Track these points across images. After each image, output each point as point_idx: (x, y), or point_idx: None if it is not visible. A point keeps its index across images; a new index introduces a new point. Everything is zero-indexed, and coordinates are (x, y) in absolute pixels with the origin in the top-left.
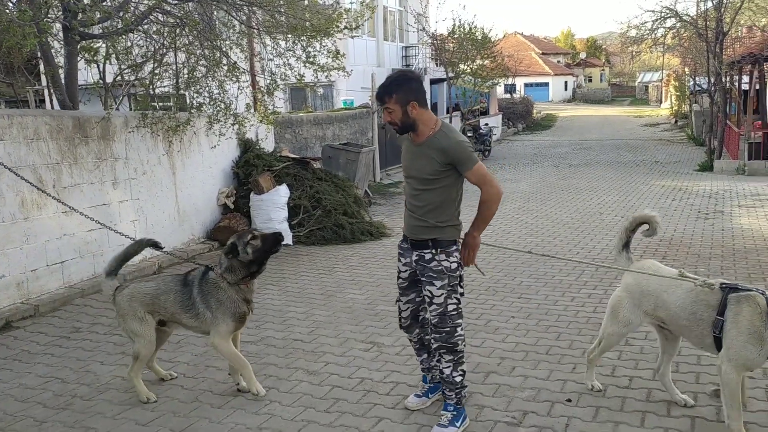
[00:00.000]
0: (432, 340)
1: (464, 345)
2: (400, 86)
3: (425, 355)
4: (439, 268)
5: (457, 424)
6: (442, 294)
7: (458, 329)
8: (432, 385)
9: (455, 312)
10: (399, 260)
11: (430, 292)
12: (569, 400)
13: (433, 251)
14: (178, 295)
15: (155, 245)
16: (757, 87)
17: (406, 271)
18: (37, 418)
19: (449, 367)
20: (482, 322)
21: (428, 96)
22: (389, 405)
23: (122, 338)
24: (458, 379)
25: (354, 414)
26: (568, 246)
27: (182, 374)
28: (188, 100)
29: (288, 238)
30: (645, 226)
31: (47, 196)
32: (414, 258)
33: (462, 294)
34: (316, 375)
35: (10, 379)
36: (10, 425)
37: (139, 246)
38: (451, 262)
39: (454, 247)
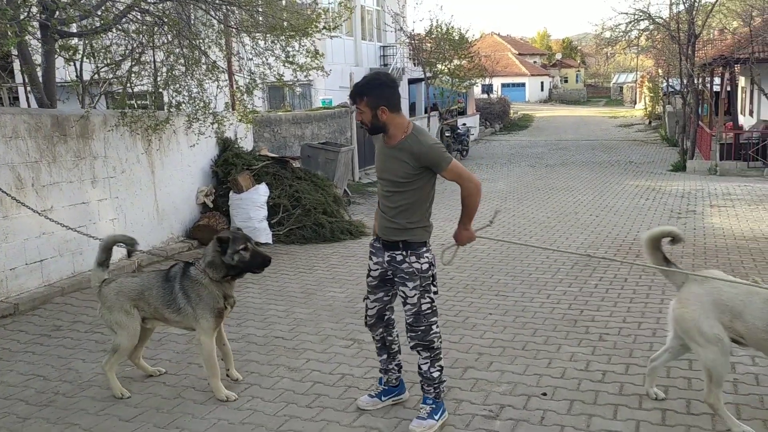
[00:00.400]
0: (408, 339)
1: (440, 342)
2: (372, 90)
3: (385, 356)
4: (411, 269)
5: (436, 417)
6: (416, 294)
7: (433, 327)
8: (386, 388)
9: (429, 311)
10: (370, 258)
11: (404, 292)
12: (545, 394)
13: (404, 253)
14: (160, 291)
15: (130, 245)
16: (728, 89)
17: (377, 270)
18: (20, 415)
19: (426, 363)
20: (460, 318)
21: (406, 96)
22: None
23: (104, 336)
24: (435, 374)
25: (335, 409)
26: (544, 245)
27: (165, 371)
28: (167, 99)
29: (267, 237)
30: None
31: (26, 195)
32: (386, 258)
33: (436, 293)
34: (298, 371)
35: None
36: None
37: (115, 239)
38: (422, 263)
39: (424, 249)
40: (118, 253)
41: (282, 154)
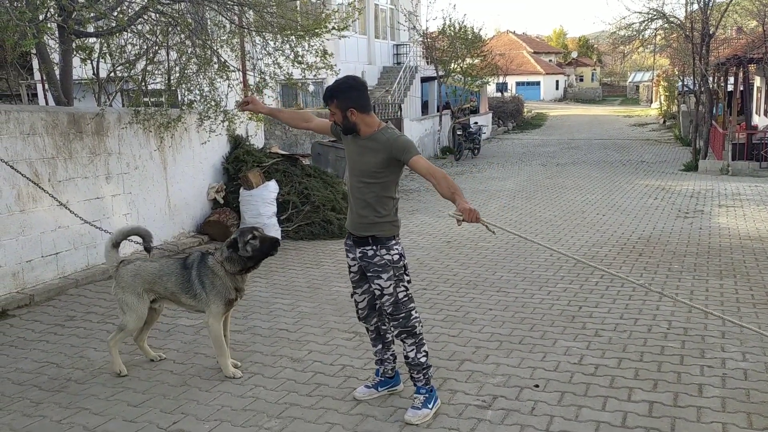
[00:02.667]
0: (391, 328)
1: (422, 327)
2: (341, 93)
3: (380, 346)
4: (383, 261)
5: (429, 406)
6: (390, 284)
7: (413, 313)
8: (382, 379)
9: (406, 298)
10: (347, 256)
11: (379, 285)
12: (537, 386)
13: (374, 247)
14: (179, 278)
15: (145, 239)
16: (742, 88)
17: (355, 265)
18: (33, 399)
19: (413, 349)
20: (461, 313)
21: (419, 94)
22: None
23: (114, 326)
24: (423, 359)
25: (334, 398)
26: (549, 242)
27: (172, 360)
28: (180, 97)
29: (277, 233)
30: None
31: (43, 190)
32: (358, 255)
33: (409, 282)
34: (300, 362)
35: (6, 364)
36: (8, 406)
37: (138, 231)
38: (393, 255)
39: (393, 242)
40: (130, 247)
41: (292, 152)
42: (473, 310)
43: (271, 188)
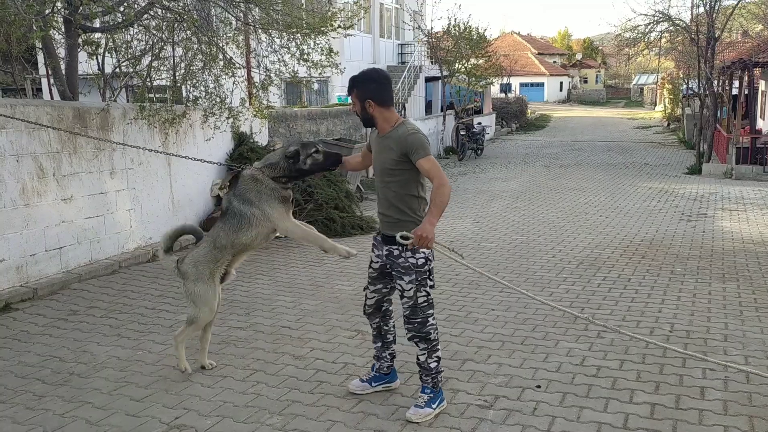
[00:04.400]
0: (406, 330)
1: (437, 334)
2: (361, 84)
3: (379, 344)
4: (407, 264)
5: (433, 406)
6: (412, 288)
7: (430, 319)
8: (377, 374)
9: (425, 303)
10: (373, 251)
11: (401, 286)
12: (539, 386)
13: (400, 248)
14: (226, 225)
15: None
16: (747, 92)
17: (378, 262)
18: (36, 393)
19: (424, 354)
20: (463, 313)
21: (423, 94)
22: None
23: (118, 321)
24: (433, 365)
25: (336, 395)
26: (551, 243)
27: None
28: (184, 93)
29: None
30: None
31: (47, 184)
32: (384, 252)
33: (432, 287)
34: (302, 359)
35: (10, 357)
36: (11, 399)
37: (183, 230)
38: (417, 259)
39: None
40: (135, 242)
41: None
42: (475, 310)
43: None
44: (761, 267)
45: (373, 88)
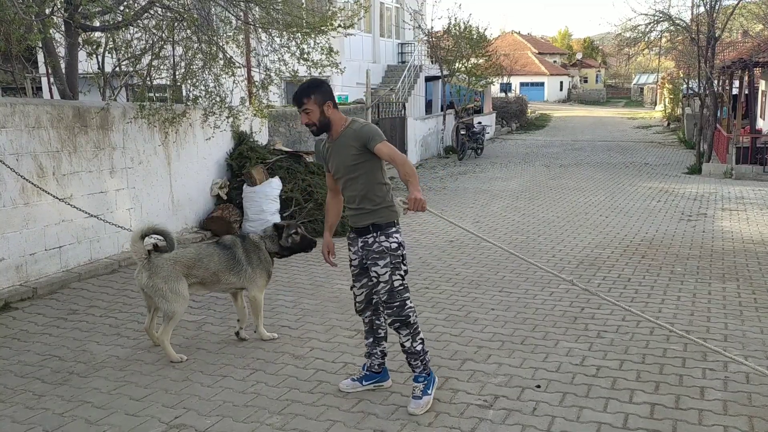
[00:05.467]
0: (386, 317)
1: (416, 317)
2: (317, 88)
3: (371, 339)
4: (380, 248)
5: (429, 392)
6: (386, 272)
7: (407, 302)
8: (367, 373)
9: (401, 287)
10: (349, 250)
11: (376, 272)
12: (538, 386)
13: (375, 234)
14: (221, 257)
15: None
16: (747, 92)
17: (356, 258)
18: (36, 392)
19: (408, 339)
20: (463, 313)
21: (423, 93)
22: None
23: (117, 320)
24: (419, 348)
25: (336, 395)
26: (551, 243)
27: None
28: (184, 93)
29: None
30: None
31: (47, 183)
32: (360, 245)
33: (406, 272)
34: (302, 359)
35: (9, 356)
36: (11, 398)
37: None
38: (391, 243)
39: (393, 229)
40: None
41: (296, 149)
42: (475, 310)
43: (275, 185)
44: (761, 267)
45: (328, 90)
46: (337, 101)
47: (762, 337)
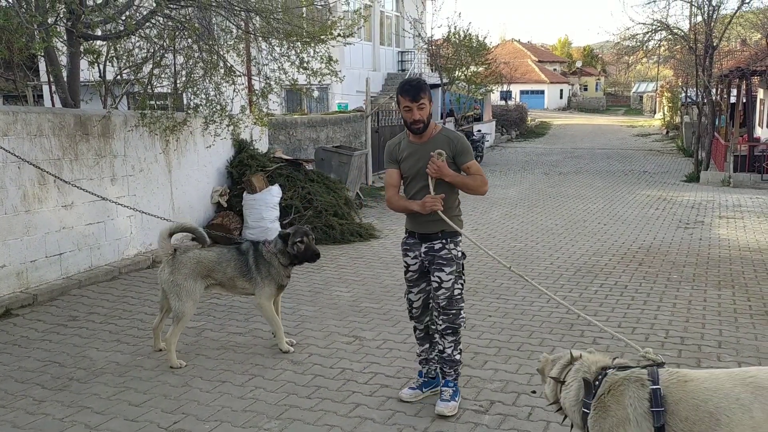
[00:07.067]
0: (440, 322)
1: (464, 327)
2: (427, 88)
3: (427, 345)
4: (449, 255)
5: (456, 399)
6: (451, 279)
7: (462, 312)
8: (426, 379)
9: (460, 296)
10: (406, 256)
11: (439, 277)
12: (534, 392)
13: (443, 241)
14: (237, 263)
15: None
16: (744, 101)
17: (416, 264)
18: (36, 397)
19: (451, 346)
20: None
21: None
22: (367, 393)
23: (117, 327)
24: (457, 357)
25: (333, 400)
26: (549, 251)
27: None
28: (185, 101)
29: None
30: None
31: (48, 191)
32: (423, 250)
33: (464, 282)
34: (300, 365)
35: (10, 362)
36: (11, 404)
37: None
38: (458, 251)
39: (459, 238)
40: (135, 248)
41: (296, 157)
42: (472, 317)
43: (275, 193)
44: (757, 274)
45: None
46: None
47: (756, 344)
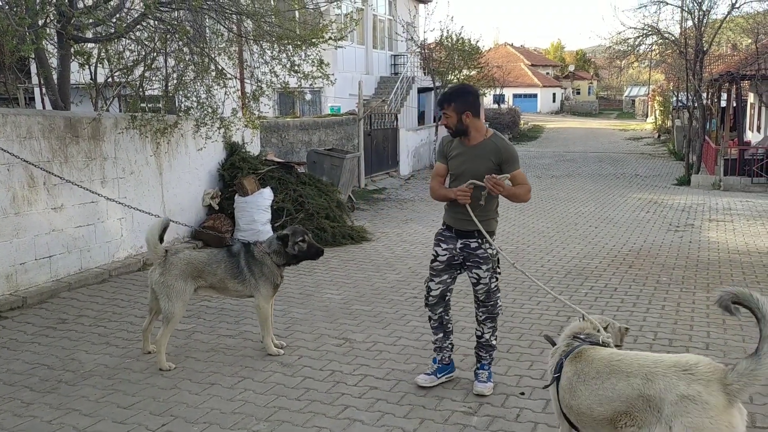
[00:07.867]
0: (480, 313)
1: (502, 314)
2: (459, 97)
3: (441, 335)
4: (485, 254)
5: (492, 380)
6: (488, 275)
7: (499, 301)
8: (440, 366)
9: (496, 288)
10: (438, 245)
11: (477, 274)
12: (522, 393)
13: (479, 240)
14: (228, 264)
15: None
16: (735, 105)
17: (446, 255)
18: (24, 400)
19: (489, 332)
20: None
21: (416, 104)
22: (356, 395)
23: (106, 329)
24: (494, 342)
25: (323, 402)
26: (540, 253)
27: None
28: (177, 104)
29: None
30: None
31: (38, 193)
32: (459, 245)
33: (500, 273)
34: (290, 367)
35: None
36: None
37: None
38: (493, 250)
39: (493, 237)
40: (126, 251)
41: (288, 160)
42: (463, 319)
43: (266, 195)
44: (745, 277)
45: (471, 101)
46: (478, 109)
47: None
